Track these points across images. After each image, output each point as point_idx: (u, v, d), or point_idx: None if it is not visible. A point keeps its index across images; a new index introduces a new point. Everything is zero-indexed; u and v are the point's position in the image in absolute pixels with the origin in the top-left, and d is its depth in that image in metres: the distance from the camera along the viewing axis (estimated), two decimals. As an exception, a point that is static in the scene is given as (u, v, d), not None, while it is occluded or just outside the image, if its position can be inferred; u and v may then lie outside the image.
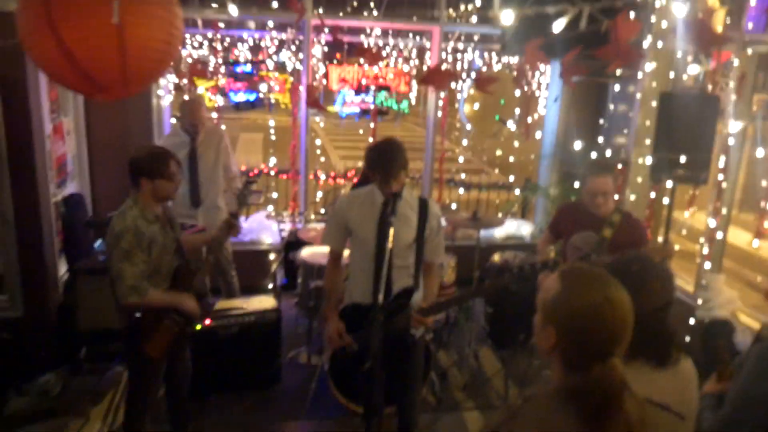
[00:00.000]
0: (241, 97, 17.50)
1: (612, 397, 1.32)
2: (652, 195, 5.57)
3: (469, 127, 6.56)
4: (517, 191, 7.62)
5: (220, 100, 6.49)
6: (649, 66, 5.32)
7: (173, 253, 3.27)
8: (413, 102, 18.99)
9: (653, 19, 4.93)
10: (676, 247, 4.49)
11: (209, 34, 6.10)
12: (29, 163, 4.34)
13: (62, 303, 4.61)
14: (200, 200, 4.98)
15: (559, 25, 1.81)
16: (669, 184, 4.63)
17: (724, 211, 4.87)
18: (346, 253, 3.39)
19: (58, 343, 4.51)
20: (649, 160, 4.65)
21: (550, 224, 4.13)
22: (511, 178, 8.33)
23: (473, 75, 7.08)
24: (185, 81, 6.68)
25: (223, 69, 6.52)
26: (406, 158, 3.07)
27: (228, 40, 6.83)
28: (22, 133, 4.28)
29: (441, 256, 3.36)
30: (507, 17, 1.95)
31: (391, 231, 2.90)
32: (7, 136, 4.24)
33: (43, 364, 4.36)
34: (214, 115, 6.01)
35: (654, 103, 4.95)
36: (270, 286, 5.61)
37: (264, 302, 4.58)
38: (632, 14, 1.85)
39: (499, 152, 7.60)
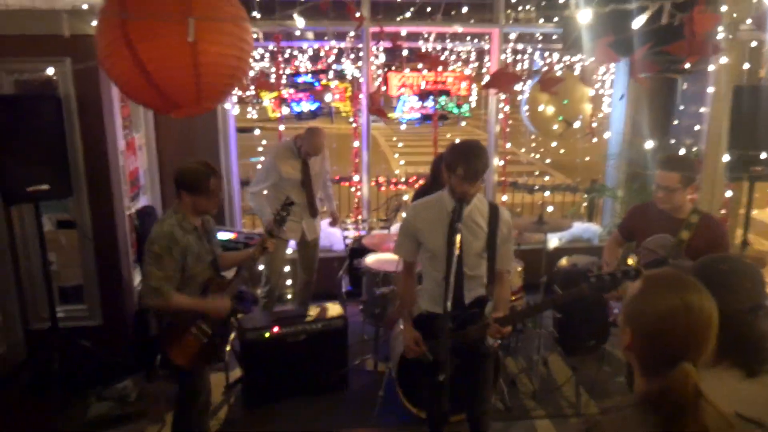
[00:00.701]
0: (303, 106, 17.76)
1: (685, 405, 1.28)
2: (728, 194, 5.34)
3: (532, 128, 6.43)
4: (584, 193, 7.43)
5: (283, 111, 6.60)
6: (722, 59, 5.11)
7: (208, 264, 3.39)
8: (473, 105, 18.85)
9: (724, 8, 4.73)
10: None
11: (270, 47, 6.22)
12: (105, 178, 4.52)
13: (138, 311, 4.77)
14: (317, 210, 5.27)
15: (638, 22, 1.76)
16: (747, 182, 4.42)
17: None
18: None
19: (135, 350, 4.67)
20: (724, 158, 4.46)
21: (620, 225, 3.99)
22: (577, 180, 8.14)
23: (535, 76, 6.97)
24: (248, 93, 6.84)
25: (284, 80, 6.63)
26: (488, 161, 3.02)
27: (288, 51, 6.95)
28: (98, 150, 4.47)
29: (511, 263, 3.28)
30: (584, 16, 1.89)
31: (458, 237, 2.86)
32: (84, 153, 4.43)
33: (121, 371, 4.53)
34: (281, 127, 6.11)
35: (728, 98, 4.74)
36: (336, 293, 5.66)
37: (330, 310, 4.62)
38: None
39: (562, 151, 7.44)
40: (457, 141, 3.11)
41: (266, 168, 5.16)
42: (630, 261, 3.90)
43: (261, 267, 5.36)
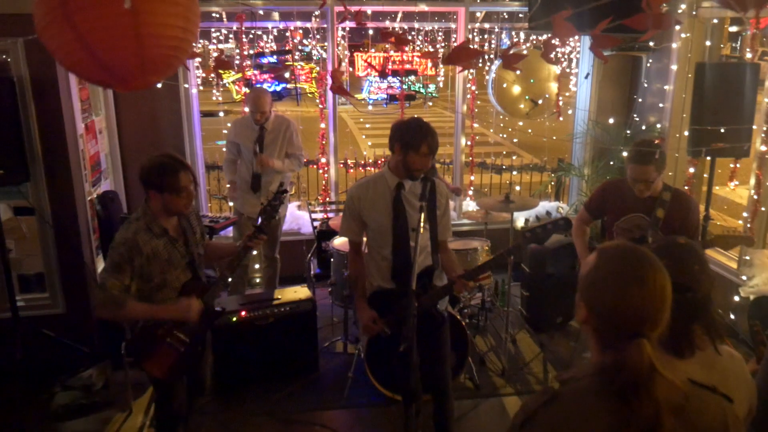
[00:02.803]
0: (267, 88, 17.57)
1: (639, 379, 1.28)
2: (691, 170, 5.42)
3: (499, 108, 6.44)
4: (551, 173, 7.49)
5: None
6: (684, 36, 5.16)
7: (183, 267, 3.09)
8: (441, 85, 18.84)
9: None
10: (717, 223, 4.32)
11: (234, 27, 6.11)
12: (64, 162, 4.40)
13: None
14: (260, 187, 5.10)
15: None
16: (708, 158, 4.48)
17: (767, 183, 4.70)
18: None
19: (100, 338, 4.59)
20: (686, 134, 4.51)
21: (587, 203, 4.01)
22: (544, 159, 8.20)
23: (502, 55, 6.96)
24: (213, 76, 6.71)
25: (248, 61, 6.52)
26: None
27: (253, 32, 6.84)
28: (55, 134, 4.33)
29: (450, 232, 3.40)
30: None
31: (422, 216, 2.88)
32: (41, 137, 4.30)
33: (85, 359, 4.45)
34: (246, 109, 6.05)
35: (690, 75, 4.78)
36: (304, 276, 5.63)
37: (298, 292, 4.60)
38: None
39: (530, 131, 7.48)
40: (402, 120, 3.21)
41: (227, 142, 5.23)
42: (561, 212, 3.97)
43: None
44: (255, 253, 5.85)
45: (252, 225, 3.42)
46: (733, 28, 4.80)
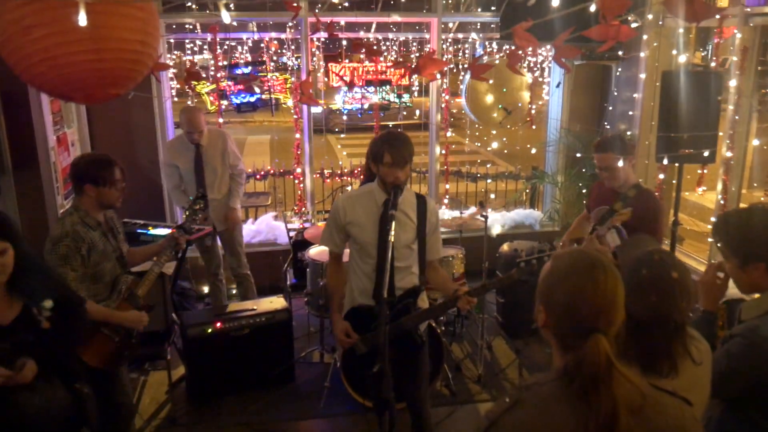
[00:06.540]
0: (242, 98, 17.57)
1: (598, 375, 1.32)
2: (661, 176, 5.53)
3: (473, 117, 6.51)
4: (525, 180, 7.58)
5: (222, 104, 6.48)
6: (652, 45, 5.26)
7: (114, 261, 3.25)
8: (416, 95, 18.94)
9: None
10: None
11: (209, 38, 6.10)
12: (35, 175, 4.37)
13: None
14: (207, 205, 5.01)
15: (555, 0, 1.84)
16: (676, 164, 4.57)
17: (733, 188, 4.81)
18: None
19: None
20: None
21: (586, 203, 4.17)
22: (518, 167, 8.28)
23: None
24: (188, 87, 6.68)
25: (223, 72, 6.51)
26: (413, 148, 3.05)
27: (228, 43, 6.84)
28: (26, 147, 4.30)
29: (441, 251, 3.35)
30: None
31: (392, 225, 2.88)
32: (11, 150, 4.26)
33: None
34: (221, 120, 6.01)
35: (658, 83, 4.87)
36: (281, 286, 5.61)
37: (274, 303, 4.59)
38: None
39: (504, 139, 7.55)
40: (378, 134, 3.19)
41: (164, 166, 5.17)
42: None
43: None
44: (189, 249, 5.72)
45: (175, 225, 3.69)
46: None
